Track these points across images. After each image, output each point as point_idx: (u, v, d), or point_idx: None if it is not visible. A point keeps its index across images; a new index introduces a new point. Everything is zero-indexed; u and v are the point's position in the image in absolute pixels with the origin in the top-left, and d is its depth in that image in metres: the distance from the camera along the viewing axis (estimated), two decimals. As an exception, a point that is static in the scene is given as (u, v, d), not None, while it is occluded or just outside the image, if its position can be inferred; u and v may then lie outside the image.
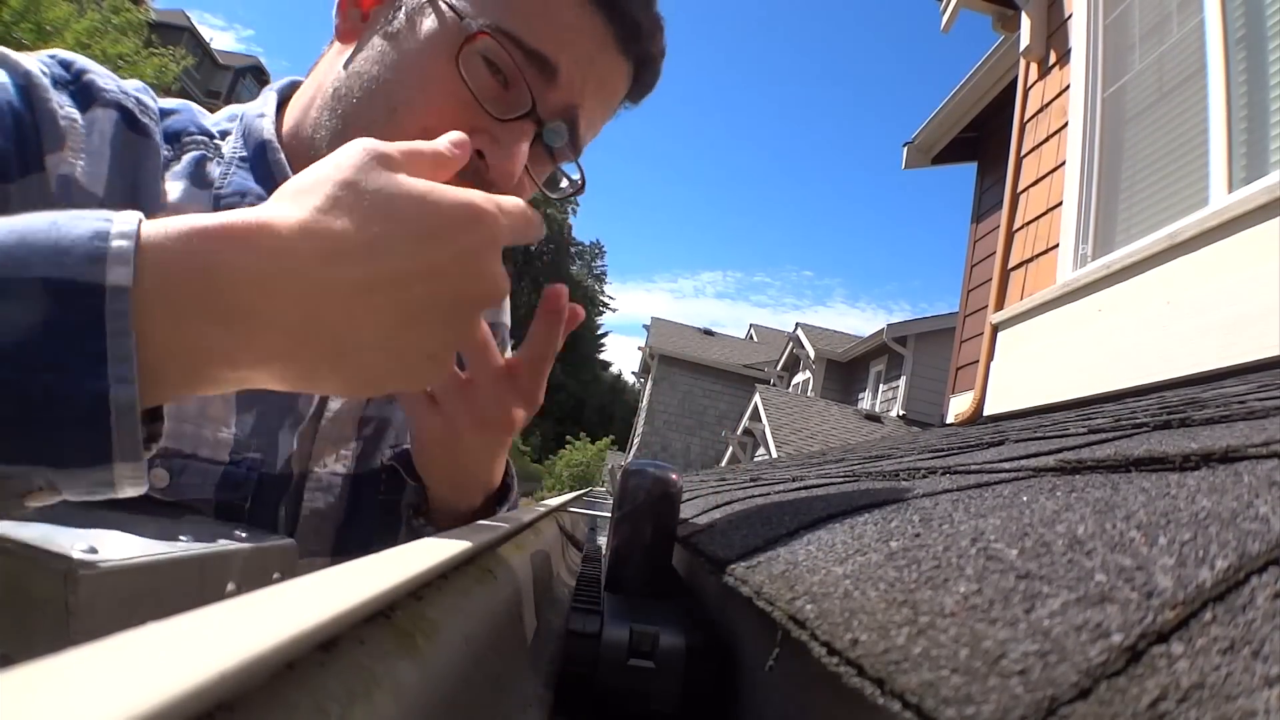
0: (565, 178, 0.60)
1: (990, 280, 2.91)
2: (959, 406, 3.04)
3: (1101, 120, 2.41)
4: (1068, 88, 2.56)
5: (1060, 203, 2.48)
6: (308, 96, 0.56)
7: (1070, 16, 2.62)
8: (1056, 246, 2.44)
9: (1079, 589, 0.18)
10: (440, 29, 0.49)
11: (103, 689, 0.09)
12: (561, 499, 1.28)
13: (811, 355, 12.58)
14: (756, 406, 10.13)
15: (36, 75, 0.44)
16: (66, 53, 0.49)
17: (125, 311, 0.26)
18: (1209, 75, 1.90)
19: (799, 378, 13.61)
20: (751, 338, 21.58)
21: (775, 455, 7.80)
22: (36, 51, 0.47)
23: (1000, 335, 2.67)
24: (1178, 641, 0.14)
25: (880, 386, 10.91)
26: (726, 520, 0.58)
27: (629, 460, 1.34)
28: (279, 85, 0.60)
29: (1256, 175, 1.68)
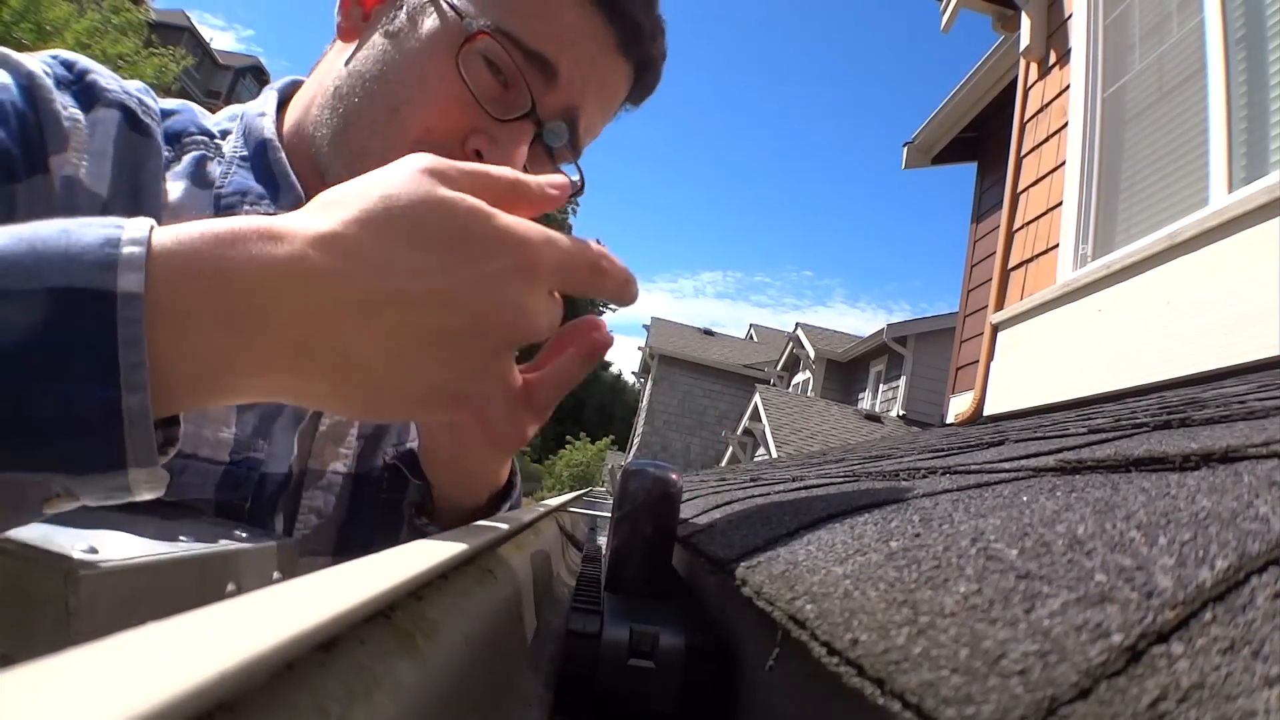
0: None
1: (990, 280, 2.92)
2: (959, 406, 3.04)
3: (1101, 120, 2.41)
4: (1068, 88, 2.56)
5: (1060, 203, 2.48)
6: (309, 95, 0.56)
7: (1070, 16, 2.62)
8: (1056, 246, 2.45)
9: (1079, 589, 0.18)
10: (441, 28, 0.49)
11: (103, 689, 0.09)
12: (561, 499, 1.28)
13: (811, 355, 12.58)
14: (756, 406, 10.13)
15: (39, 76, 0.44)
16: (68, 53, 0.49)
17: (138, 318, 0.26)
18: (1209, 75, 1.90)
19: (799, 378, 13.61)
20: (751, 338, 21.59)
21: (775, 455, 7.80)
22: (38, 52, 0.47)
23: (1000, 335, 2.68)
24: (1178, 641, 0.14)
25: (880, 386, 10.92)
26: (726, 520, 0.58)
27: (629, 460, 1.34)
28: (280, 85, 0.60)
29: (1256, 175, 1.68)
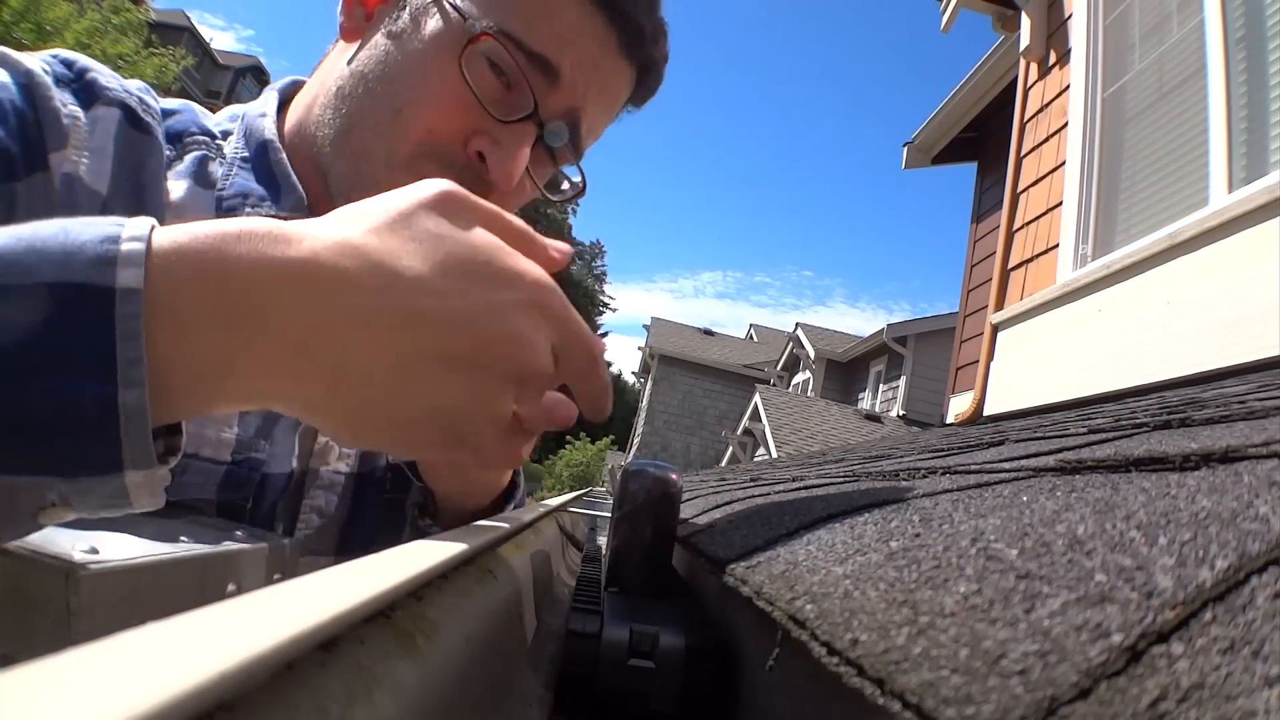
0: (566, 180, 0.60)
1: (990, 280, 2.92)
2: (959, 406, 3.04)
3: (1101, 120, 2.41)
4: (1068, 88, 2.56)
5: (1060, 203, 2.48)
6: (310, 95, 0.56)
7: (1070, 16, 2.62)
8: (1056, 246, 2.44)
9: (1079, 589, 0.18)
10: (444, 29, 0.49)
11: (103, 689, 0.09)
12: (561, 499, 1.28)
13: (811, 355, 12.58)
14: (756, 406, 10.13)
15: (38, 74, 0.44)
16: (68, 52, 0.49)
17: (136, 314, 0.25)
18: (1209, 75, 1.90)
19: (799, 378, 13.61)
20: (751, 338, 21.59)
21: (775, 455, 7.80)
22: (38, 51, 0.47)
23: (1000, 335, 2.68)
24: (1178, 641, 0.14)
25: (880, 386, 10.92)
26: (726, 520, 0.58)
27: (629, 460, 1.34)
28: (281, 85, 0.60)
29: (1256, 175, 1.68)
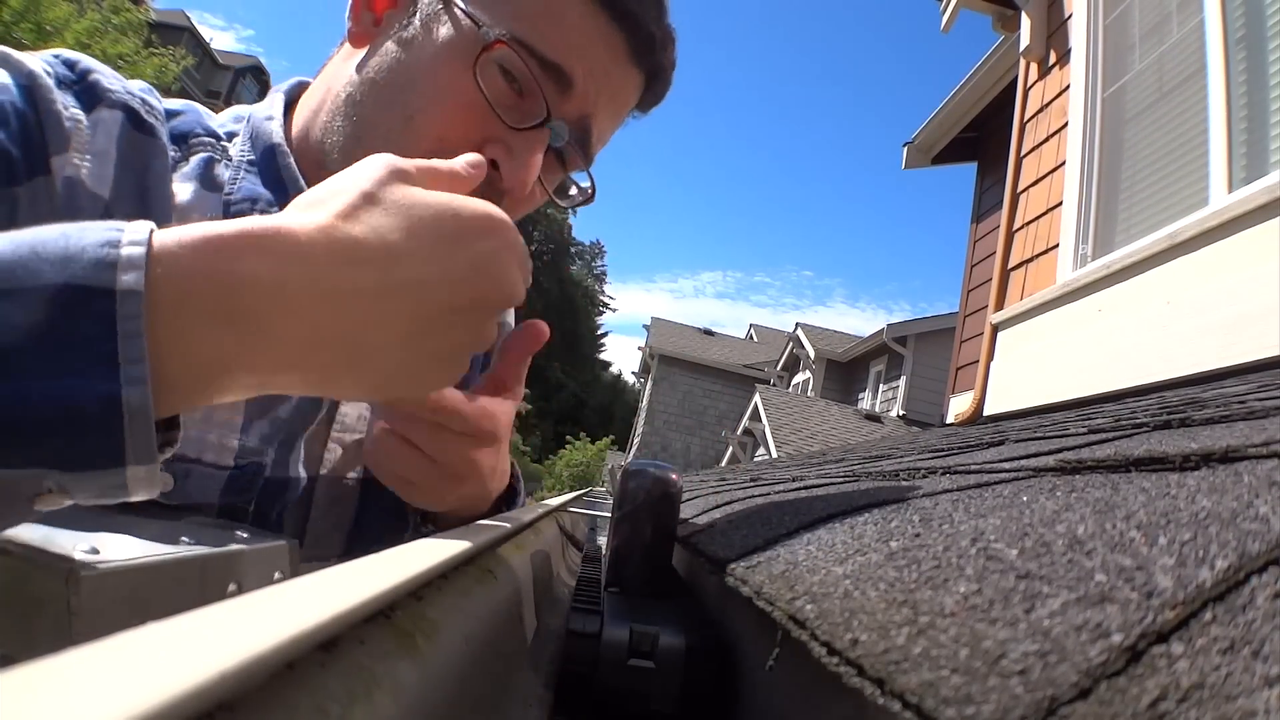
0: (575, 185, 0.60)
1: (990, 280, 2.91)
2: (959, 406, 3.04)
3: (1101, 120, 2.41)
4: (1068, 88, 2.56)
5: (1060, 203, 2.48)
6: (316, 99, 0.55)
7: (1070, 16, 2.62)
8: (1056, 246, 2.44)
9: (1079, 589, 0.18)
10: (457, 37, 0.49)
11: (103, 689, 0.09)
12: (561, 499, 1.28)
13: (811, 355, 12.58)
14: (756, 406, 10.13)
15: (40, 76, 0.44)
16: (70, 52, 0.48)
17: (138, 314, 0.26)
18: (1209, 75, 1.90)
19: (799, 378, 13.61)
20: (751, 338, 21.58)
21: (775, 455, 7.80)
22: (40, 51, 0.47)
23: (1000, 335, 2.67)
24: (1178, 641, 0.14)
25: (880, 386, 10.91)
26: (726, 520, 0.58)
27: (629, 460, 1.35)
28: (286, 87, 0.59)
29: (1256, 175, 1.68)
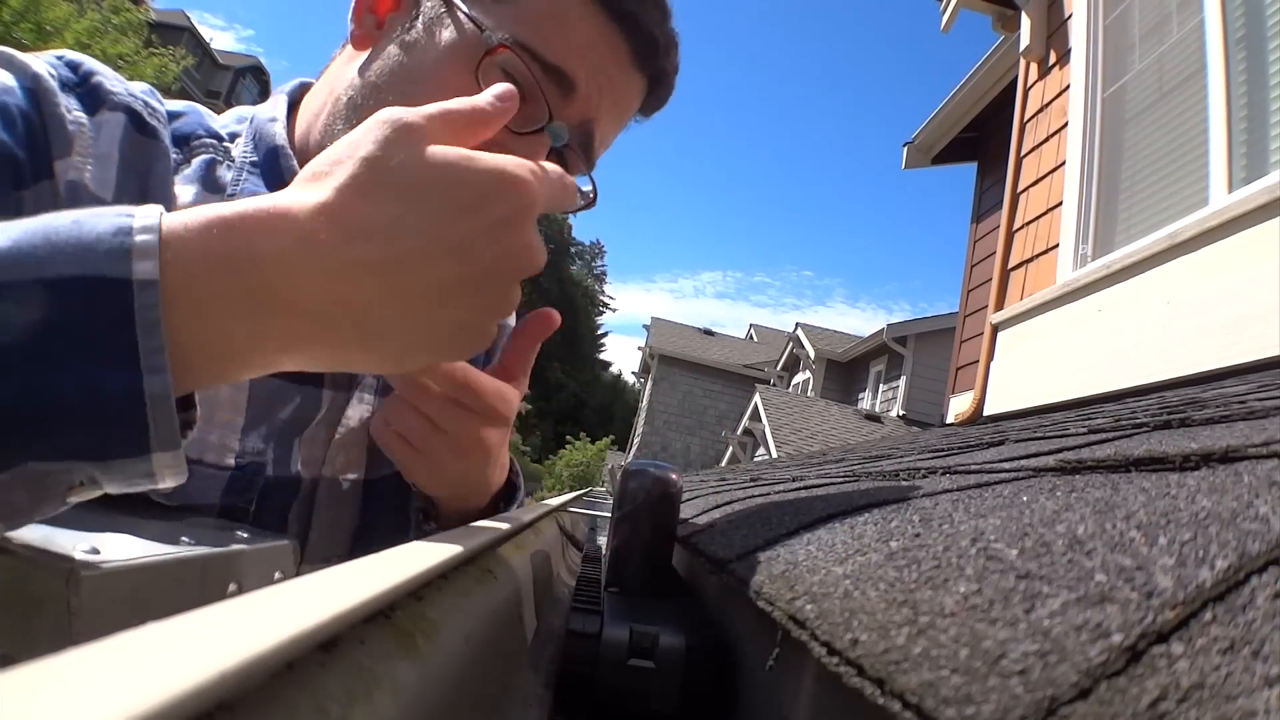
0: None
1: (990, 280, 2.91)
2: (959, 406, 3.04)
3: (1101, 120, 2.41)
4: (1068, 88, 2.56)
5: (1060, 203, 2.47)
6: (320, 101, 0.55)
7: (1070, 16, 2.62)
8: (1056, 246, 2.44)
9: (1079, 589, 0.18)
10: (460, 40, 0.49)
11: (103, 689, 0.09)
12: (561, 499, 1.28)
13: (811, 355, 12.57)
14: (756, 406, 10.12)
15: (45, 79, 0.44)
16: (73, 54, 0.48)
17: (155, 304, 0.26)
18: (1209, 75, 1.90)
19: (799, 378, 13.60)
20: (751, 338, 21.58)
21: (775, 455, 7.80)
22: (42, 52, 0.47)
23: (1000, 335, 2.67)
24: (1178, 641, 0.14)
25: (880, 386, 10.91)
26: (726, 520, 0.58)
27: (629, 460, 1.35)
28: (289, 88, 0.59)
29: (1256, 175, 1.68)
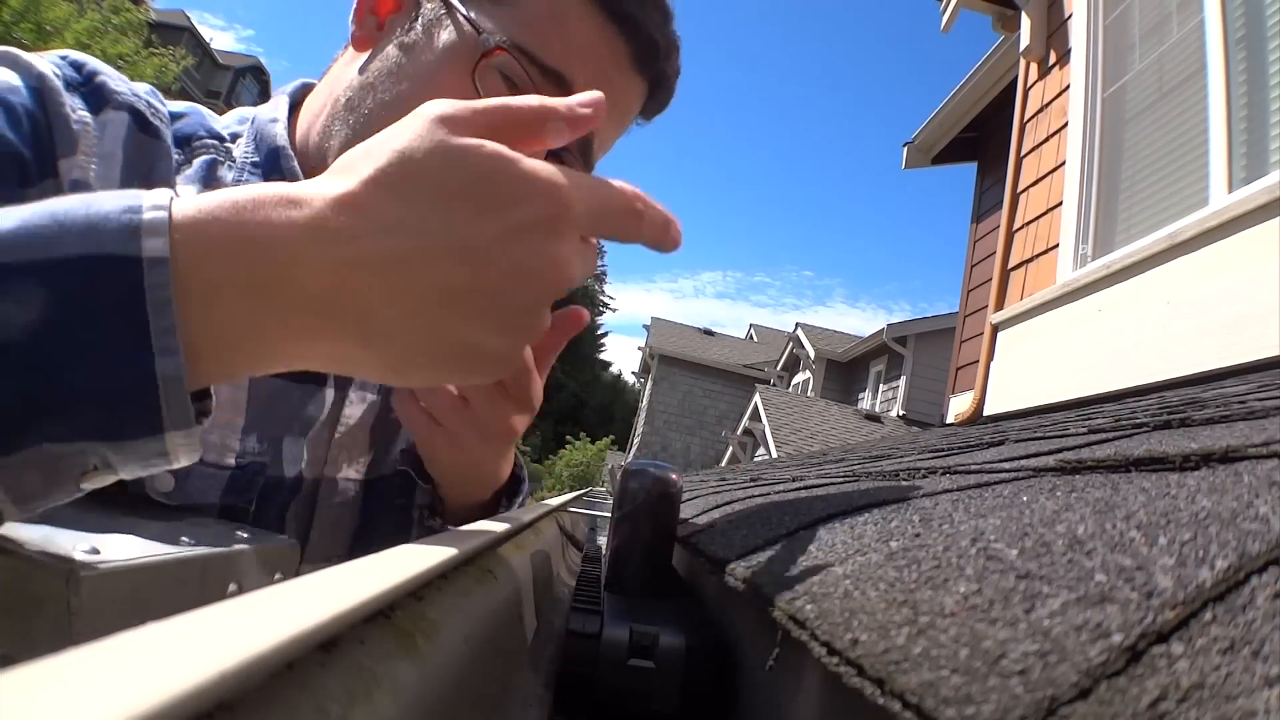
0: None
1: (990, 280, 2.91)
2: (959, 406, 3.04)
3: (1101, 120, 2.41)
4: (1068, 88, 2.56)
5: (1060, 203, 2.47)
6: (320, 102, 0.55)
7: (1070, 16, 2.62)
8: (1056, 246, 2.44)
9: (1079, 589, 0.18)
10: (458, 42, 0.49)
11: (103, 689, 0.09)
12: (561, 499, 1.28)
13: (811, 355, 12.57)
14: (756, 406, 10.12)
15: (50, 78, 0.44)
16: (77, 54, 0.48)
17: (165, 283, 0.26)
18: (1209, 75, 1.90)
19: (799, 378, 13.60)
20: (751, 338, 21.57)
21: (775, 455, 7.80)
22: (46, 52, 0.47)
23: (1000, 335, 2.67)
24: (1178, 641, 0.14)
25: (880, 386, 10.91)
26: (726, 520, 0.58)
27: (629, 460, 1.34)
28: (291, 89, 0.59)
29: (1256, 175, 1.68)
